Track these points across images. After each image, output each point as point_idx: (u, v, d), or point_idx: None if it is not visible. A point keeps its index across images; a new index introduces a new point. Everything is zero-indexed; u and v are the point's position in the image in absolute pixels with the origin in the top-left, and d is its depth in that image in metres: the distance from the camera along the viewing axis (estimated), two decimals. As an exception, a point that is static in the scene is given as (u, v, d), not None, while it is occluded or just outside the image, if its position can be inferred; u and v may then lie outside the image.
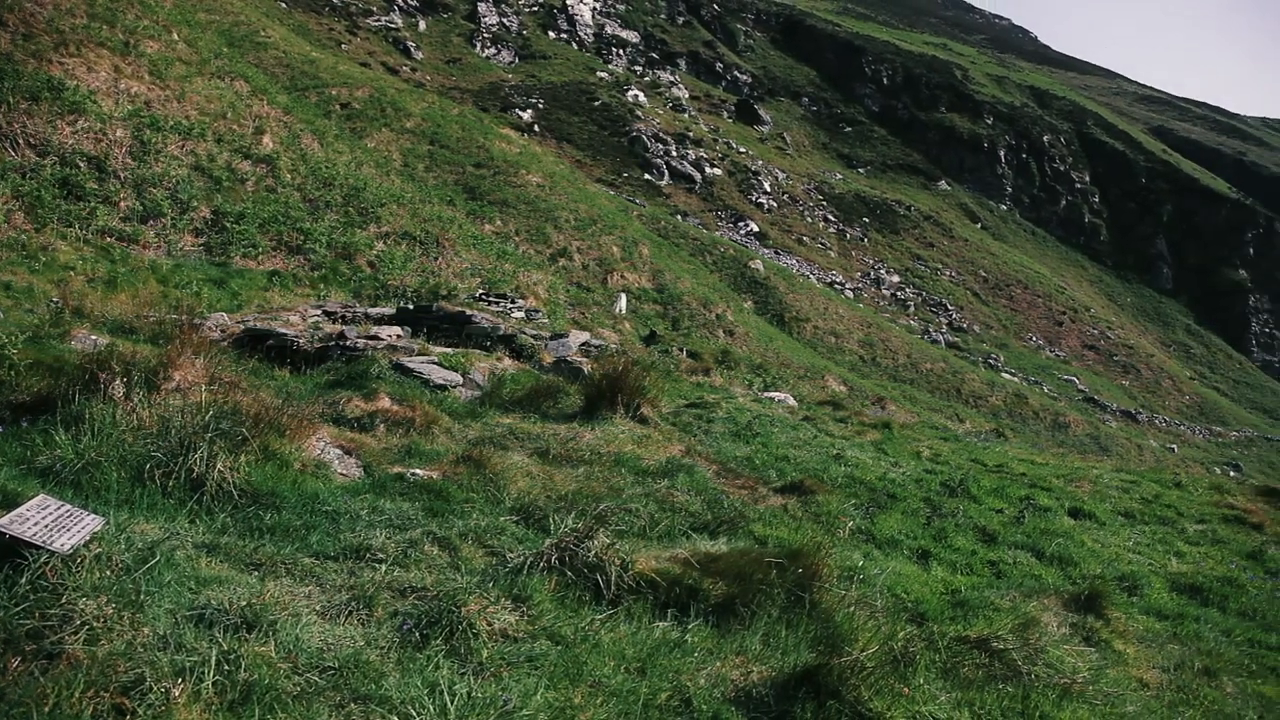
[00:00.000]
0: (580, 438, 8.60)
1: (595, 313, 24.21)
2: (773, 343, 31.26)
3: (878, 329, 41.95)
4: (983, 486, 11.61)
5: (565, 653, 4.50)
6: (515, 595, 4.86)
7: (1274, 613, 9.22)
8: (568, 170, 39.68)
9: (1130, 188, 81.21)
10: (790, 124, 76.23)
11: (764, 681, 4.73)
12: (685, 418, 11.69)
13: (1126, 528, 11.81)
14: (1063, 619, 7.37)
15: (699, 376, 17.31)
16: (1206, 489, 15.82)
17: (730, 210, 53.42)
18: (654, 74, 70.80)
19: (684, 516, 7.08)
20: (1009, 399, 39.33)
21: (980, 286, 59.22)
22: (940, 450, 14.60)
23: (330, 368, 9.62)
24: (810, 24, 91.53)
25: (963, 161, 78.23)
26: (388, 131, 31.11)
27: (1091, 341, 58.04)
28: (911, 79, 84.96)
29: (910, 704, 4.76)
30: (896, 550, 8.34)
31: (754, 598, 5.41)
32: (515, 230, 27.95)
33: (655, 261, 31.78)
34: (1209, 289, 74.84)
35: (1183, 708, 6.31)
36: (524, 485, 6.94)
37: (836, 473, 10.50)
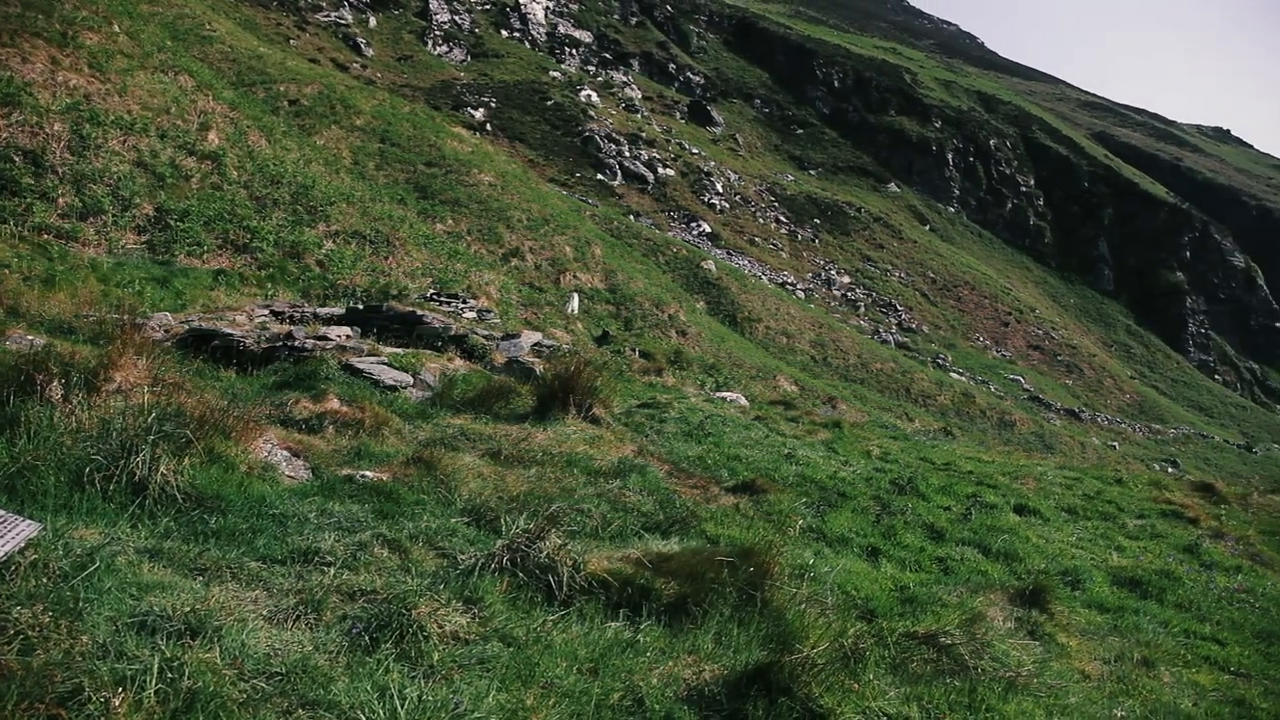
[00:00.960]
0: (532, 438, 8.57)
1: (548, 313, 24.14)
2: (725, 343, 31.41)
3: (829, 329, 42.37)
4: (931, 484, 11.79)
5: (517, 654, 4.48)
6: (467, 597, 4.83)
7: (1208, 604, 9.49)
8: (520, 170, 39.49)
9: (1073, 191, 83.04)
10: (742, 125, 76.68)
11: (716, 680, 4.75)
12: (638, 418, 11.70)
13: (1070, 523, 12.07)
14: (1008, 613, 7.51)
15: (651, 377, 17.34)
16: (1146, 485, 16.23)
17: (683, 211, 53.59)
18: (607, 74, 70.78)
19: (636, 517, 7.09)
20: (957, 398, 39.96)
21: (929, 287, 60.11)
22: (890, 449, 14.79)
23: (278, 368, 9.46)
24: (762, 26, 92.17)
25: (912, 164, 79.36)
26: (337, 129, 30.70)
27: (1036, 342, 59.21)
28: (862, 82, 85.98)
29: (860, 700, 4.81)
30: (847, 548, 8.43)
31: (706, 597, 5.43)
32: (467, 230, 27.75)
33: (608, 262, 31.76)
34: (1148, 290, 76.78)
35: (1122, 698, 6.46)
36: (475, 486, 6.89)
37: (788, 472, 10.59)
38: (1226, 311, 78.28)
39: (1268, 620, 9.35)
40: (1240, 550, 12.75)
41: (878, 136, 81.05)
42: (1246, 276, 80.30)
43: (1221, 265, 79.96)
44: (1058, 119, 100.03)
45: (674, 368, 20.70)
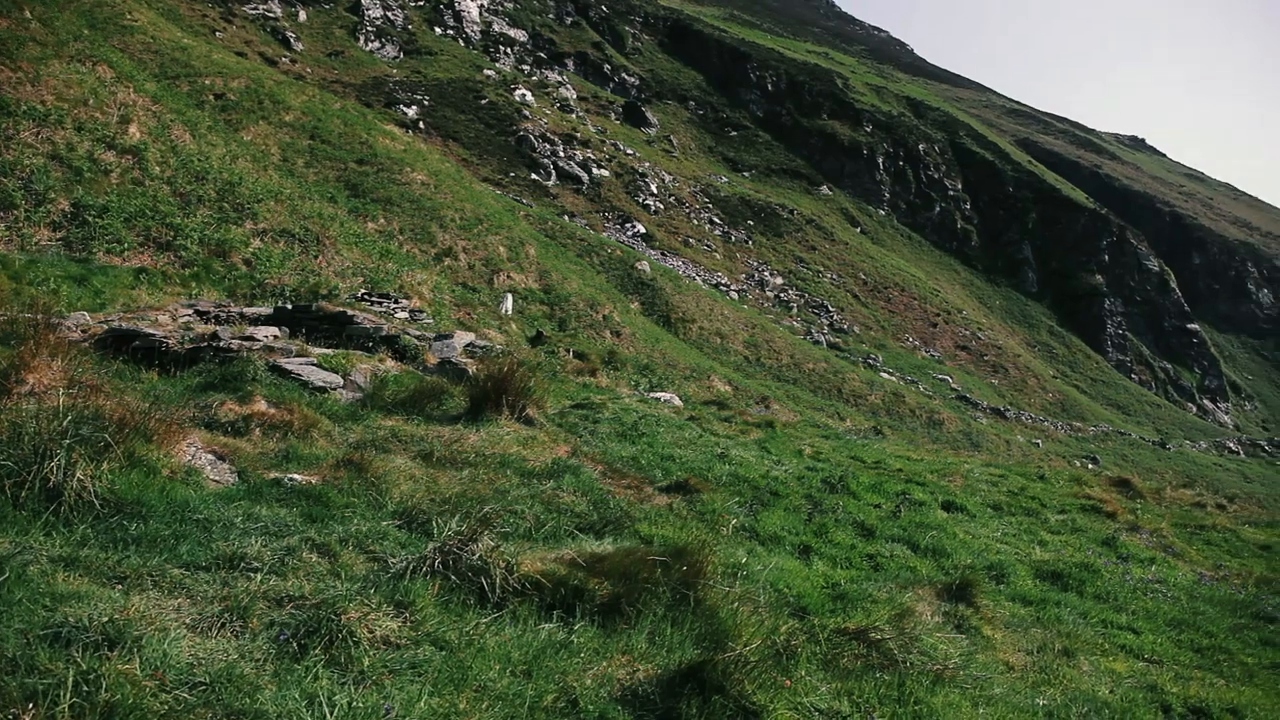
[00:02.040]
0: (465, 440, 8.50)
1: (481, 313, 23.94)
2: (659, 343, 31.52)
3: (762, 330, 42.79)
4: (862, 483, 11.99)
5: (449, 658, 4.44)
6: (398, 601, 4.76)
7: (1124, 594, 9.82)
8: (454, 169, 39.09)
9: (999, 196, 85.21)
10: (677, 127, 77.03)
11: (650, 680, 4.76)
12: (571, 418, 11.68)
13: (995, 519, 12.39)
14: (936, 608, 7.67)
15: (585, 377, 17.32)
16: (1067, 481, 16.75)
17: (617, 211, 53.63)
18: (542, 74, 70.49)
19: (570, 517, 7.08)
20: (887, 398, 40.69)
21: (860, 289, 61.11)
22: (821, 448, 15.00)
23: (202, 370, 9.21)
24: (697, 29, 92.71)
25: (843, 167, 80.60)
26: (265, 124, 30.03)
27: (964, 342, 60.60)
28: (795, 86, 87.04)
29: (792, 696, 4.87)
30: (779, 546, 8.53)
31: (640, 597, 5.44)
32: (399, 229, 27.37)
33: (542, 262, 31.63)
34: (1069, 293, 79.15)
35: (1044, 687, 6.66)
36: (407, 489, 6.81)
37: (721, 471, 10.68)
38: (1142, 313, 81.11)
39: (1179, 609, 9.72)
40: (1154, 542, 13.23)
41: (810, 140, 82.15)
42: (1160, 280, 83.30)
43: (1137, 269, 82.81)
44: (984, 125, 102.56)
45: (608, 368, 20.71)
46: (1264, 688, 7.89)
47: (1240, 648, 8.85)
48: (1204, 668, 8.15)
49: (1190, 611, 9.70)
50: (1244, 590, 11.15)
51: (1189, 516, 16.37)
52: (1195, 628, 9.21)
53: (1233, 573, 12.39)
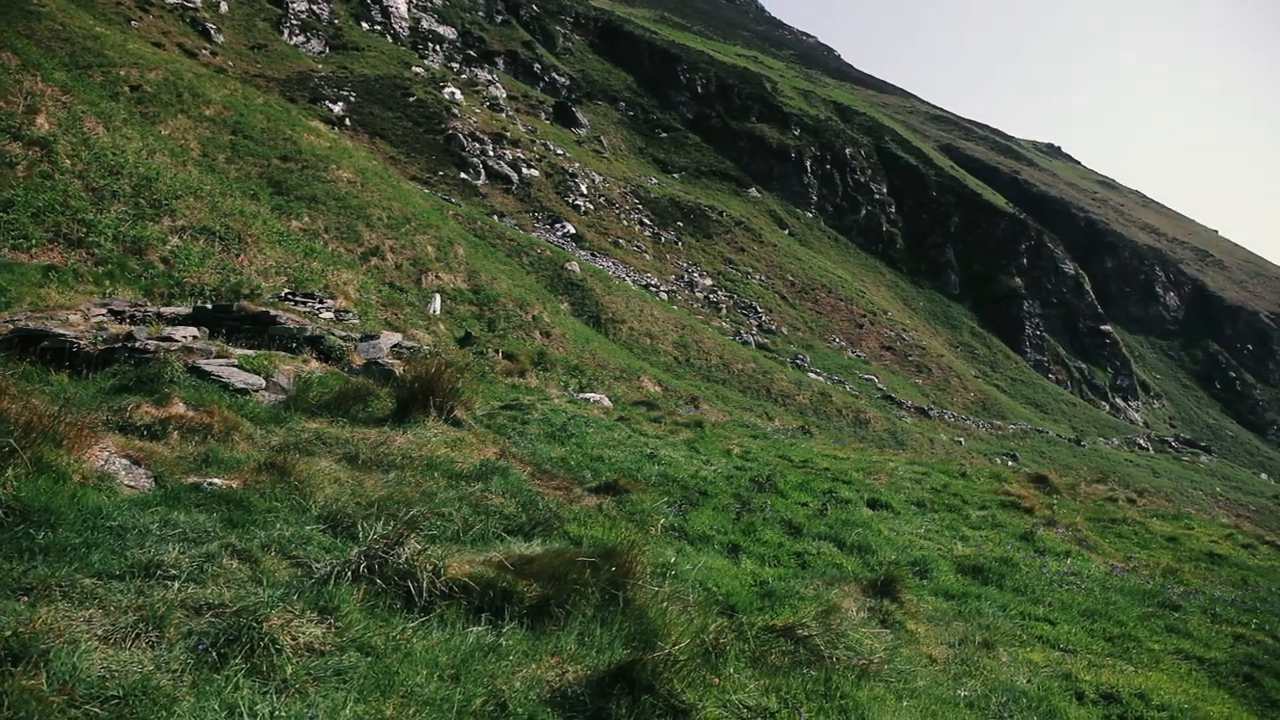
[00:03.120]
0: (391, 442, 8.38)
1: (409, 314, 23.61)
2: (589, 344, 31.49)
3: (691, 330, 43.05)
4: (789, 481, 12.15)
5: (375, 664, 4.38)
6: (322, 607, 4.68)
7: (1041, 587, 10.13)
8: (381, 167, 38.49)
9: (922, 200, 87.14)
10: (607, 128, 77.05)
11: (580, 681, 4.76)
12: (500, 420, 11.61)
13: (919, 516, 12.66)
14: (862, 604, 7.81)
15: (515, 378, 17.22)
16: (987, 478, 17.20)
17: (547, 212, 53.42)
18: (471, 72, 69.84)
19: (498, 519, 7.03)
20: (815, 397, 41.29)
21: (788, 290, 61.89)
22: (750, 448, 15.15)
23: (116, 371, 8.91)
24: (628, 30, 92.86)
25: (772, 170, 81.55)
26: (185, 118, 29.17)
27: (889, 343, 61.81)
28: (724, 89, 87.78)
29: (721, 693, 4.92)
30: (708, 545, 8.60)
31: (569, 598, 5.44)
32: (324, 227, 26.84)
33: (471, 262, 31.34)
34: (990, 295, 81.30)
35: (965, 679, 6.83)
36: (332, 492, 6.68)
37: (650, 471, 10.72)
38: (1058, 315, 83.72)
39: (1092, 600, 10.07)
40: (1070, 536, 13.67)
41: (739, 142, 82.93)
42: (1075, 283, 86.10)
43: (1054, 272, 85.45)
44: (908, 130, 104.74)
45: (538, 369, 20.62)
46: (1169, 672, 8.22)
47: (1148, 635, 9.20)
48: (1115, 655, 8.45)
49: (1103, 602, 10.05)
50: (1152, 580, 11.59)
51: (1102, 511, 16.96)
52: (1107, 617, 9.55)
53: (1142, 564, 12.88)
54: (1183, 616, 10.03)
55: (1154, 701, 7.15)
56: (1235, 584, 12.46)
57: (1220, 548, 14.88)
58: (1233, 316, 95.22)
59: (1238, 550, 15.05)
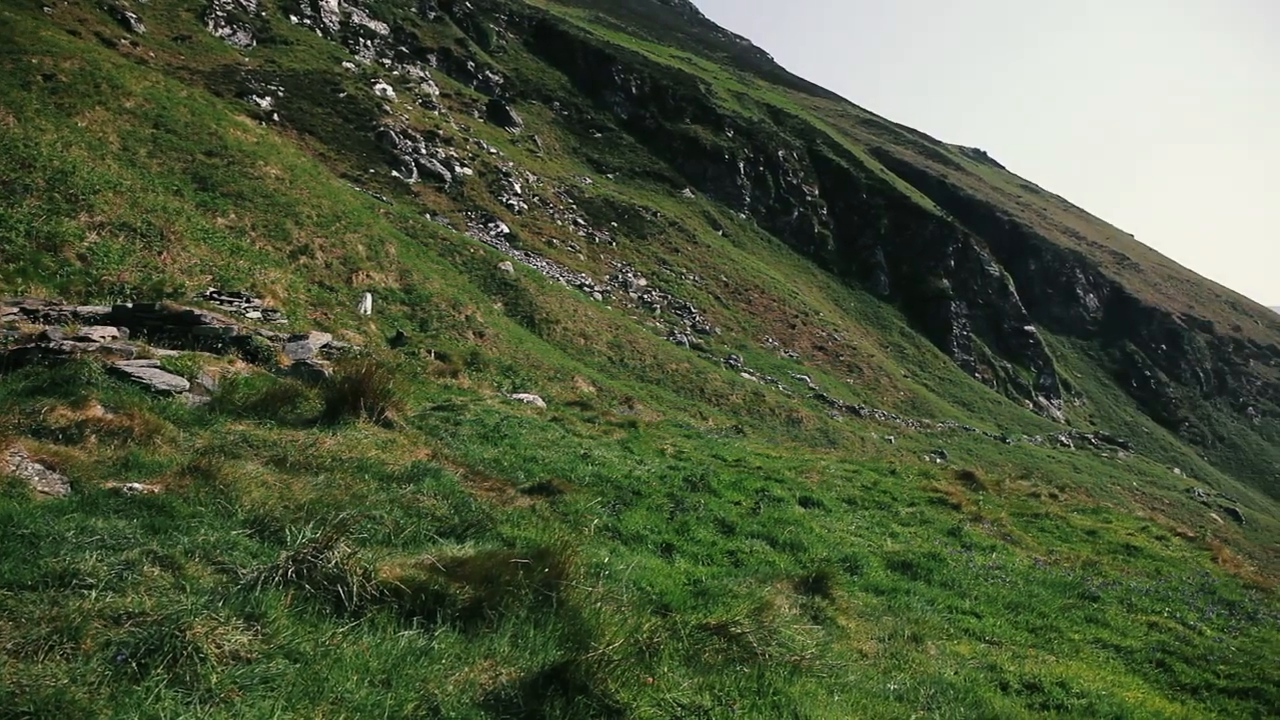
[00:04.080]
0: (321, 444, 8.23)
1: (339, 313, 23.20)
2: (523, 344, 31.33)
3: (626, 331, 43.10)
4: (723, 481, 12.25)
5: (304, 670, 4.29)
6: (248, 613, 4.57)
7: (968, 581, 10.38)
8: (310, 163, 37.74)
9: (853, 202, 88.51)
10: (541, 127, 76.72)
11: (513, 683, 4.73)
12: (432, 421, 11.49)
13: (850, 513, 12.86)
14: (794, 601, 7.91)
15: (447, 379, 17.05)
16: (916, 475, 17.54)
17: (481, 211, 52.98)
18: (404, 69, 68.90)
19: (430, 521, 6.96)
20: (748, 397, 41.67)
21: (722, 291, 62.35)
22: (684, 447, 15.24)
23: (29, 373, 8.59)
24: (563, 29, 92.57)
25: (705, 171, 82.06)
26: (103, 110, 28.22)
27: (821, 343, 62.67)
28: (659, 90, 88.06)
29: (655, 692, 4.93)
30: (642, 545, 8.63)
31: (502, 599, 5.40)
32: (252, 225, 26.23)
33: (403, 261, 30.93)
34: (918, 295, 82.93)
35: (895, 672, 6.96)
36: (259, 496, 6.54)
37: (584, 472, 10.71)
38: (984, 315, 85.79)
39: (1016, 592, 10.35)
40: (995, 531, 14.03)
41: (673, 143, 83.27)
42: (1000, 284, 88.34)
43: (980, 274, 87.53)
44: (840, 134, 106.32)
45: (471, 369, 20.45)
46: (1088, 661, 8.50)
47: (1069, 626, 9.49)
48: (1038, 646, 8.70)
49: (1026, 595, 10.33)
50: (1072, 573, 11.96)
51: (1026, 506, 17.43)
52: (1030, 609, 9.83)
53: (1063, 557, 13.28)
54: (1101, 607, 10.37)
55: (1074, 689, 7.38)
56: (1149, 575, 12.93)
57: (1136, 540, 15.42)
58: (1148, 318, 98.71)
59: (1152, 542, 15.60)
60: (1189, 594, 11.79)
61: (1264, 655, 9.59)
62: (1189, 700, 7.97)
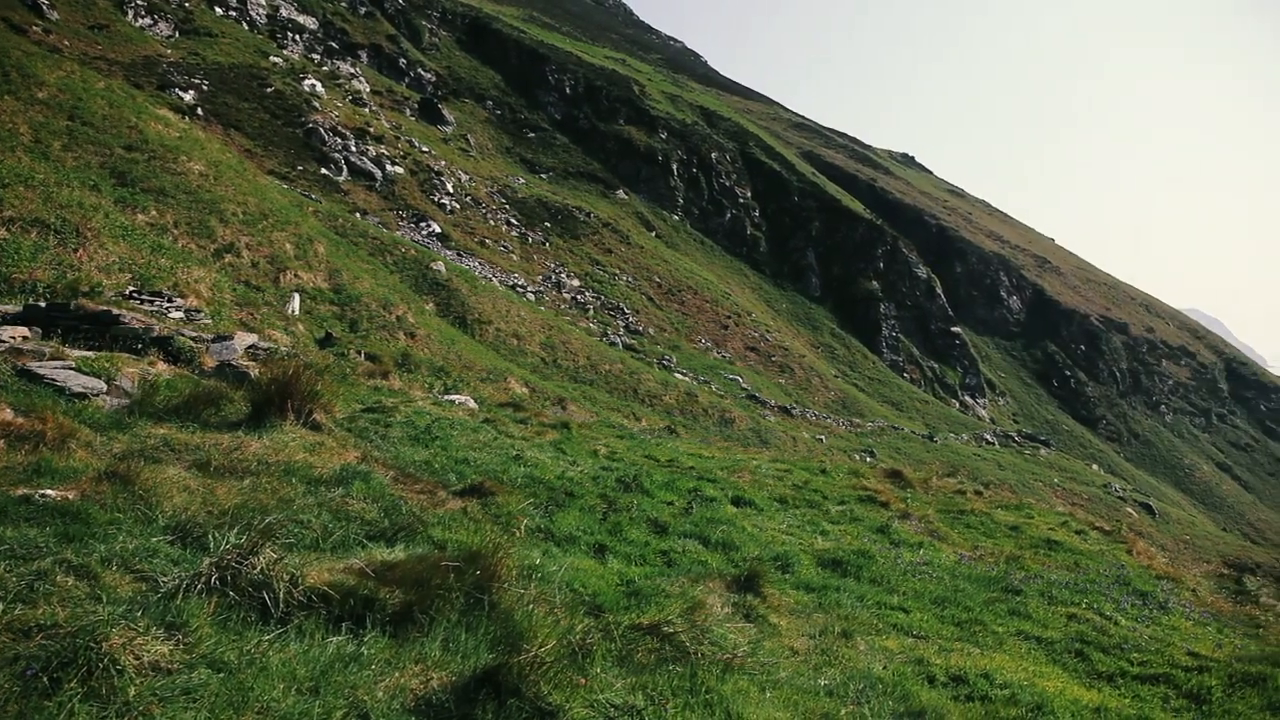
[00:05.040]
0: (246, 447, 8.04)
1: (266, 313, 22.69)
2: (455, 345, 31.02)
3: (559, 331, 42.98)
4: (655, 481, 12.29)
5: (228, 680, 4.19)
6: (169, 623, 4.45)
7: (896, 577, 10.59)
8: (236, 160, 36.82)
9: (785, 204, 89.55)
10: (474, 126, 76.07)
11: (444, 687, 4.69)
12: (362, 423, 11.31)
13: (781, 512, 13.02)
14: (726, 599, 7.98)
15: (378, 380, 16.81)
16: (846, 474, 17.84)
17: (412, 210, 52.31)
18: (334, 64, 67.68)
19: (360, 525, 6.85)
20: (681, 397, 41.87)
21: (655, 292, 62.55)
22: (617, 448, 15.26)
23: (-66, 375, 8.24)
24: (496, 28, 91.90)
25: (639, 172, 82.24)
26: (13, 100, 27.13)
27: (753, 343, 63.28)
28: (593, 90, 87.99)
29: (588, 693, 4.93)
30: (575, 546, 8.61)
31: (433, 603, 5.35)
32: (174, 222, 25.48)
33: (332, 260, 30.38)
34: (849, 297, 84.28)
35: (825, 668, 7.06)
36: (181, 501, 6.36)
37: (516, 473, 10.65)
38: (912, 317, 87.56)
39: (942, 587, 10.59)
40: (922, 528, 14.34)
41: (607, 144, 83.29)
42: (928, 286, 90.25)
43: (908, 276, 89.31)
44: (772, 137, 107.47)
45: (401, 370, 20.19)
46: (1011, 653, 8.74)
47: (993, 619, 9.74)
48: (963, 639, 8.91)
49: (952, 589, 10.58)
50: (996, 567, 12.28)
51: (952, 503, 17.85)
52: (956, 604, 10.06)
53: (987, 552, 13.62)
54: (1023, 600, 10.66)
55: (997, 680, 7.57)
56: (1069, 567, 13.34)
57: (1056, 534, 15.90)
58: (1068, 319, 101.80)
59: (1071, 536, 16.11)
60: (1106, 586, 12.20)
61: (1173, 643, 9.98)
62: (1105, 688, 8.24)
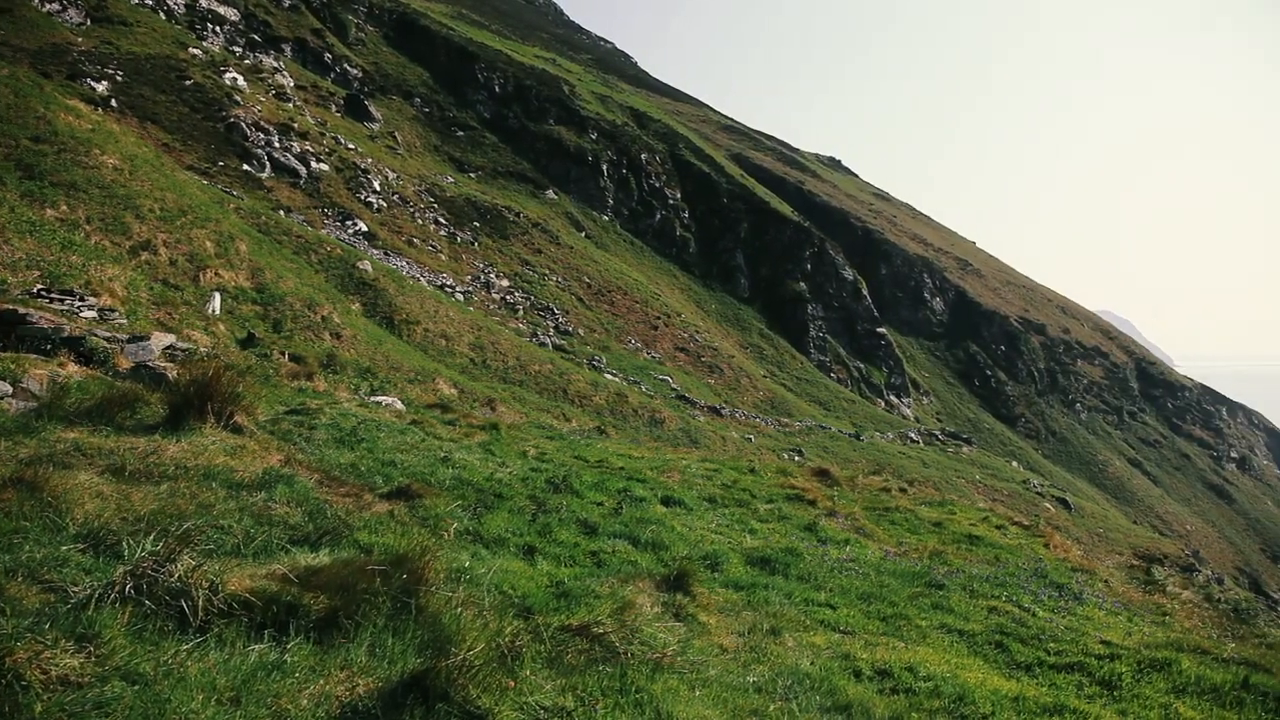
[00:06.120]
0: (163, 451, 7.79)
1: (185, 313, 22.05)
2: (382, 346, 30.56)
3: (488, 332, 42.64)
4: (585, 482, 12.28)
5: (144, 692, 4.06)
6: (80, 635, 4.29)
7: (823, 574, 10.75)
8: (153, 154, 35.67)
9: (714, 206, 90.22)
10: (402, 124, 75.01)
11: (371, 693, 4.62)
12: (286, 425, 11.06)
13: (710, 511, 13.12)
14: (656, 599, 8.01)
15: (302, 381, 16.47)
16: (774, 473, 18.06)
17: (338, 208, 51.35)
18: (256, 58, 66.06)
19: (283, 530, 6.70)
20: (611, 398, 41.89)
21: (585, 292, 62.47)
22: (546, 449, 15.20)
23: None
24: (424, 24, 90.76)
25: (569, 173, 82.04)
26: (-90, 92, 25.89)
27: (683, 344, 63.62)
28: (522, 89, 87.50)
29: (517, 696, 4.91)
30: (504, 548, 8.55)
31: (359, 608, 5.26)
32: (86, 218, 24.58)
33: (255, 259, 29.66)
34: (777, 298, 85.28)
35: (754, 665, 7.14)
36: (93, 508, 6.13)
37: (444, 475, 10.54)
38: (839, 318, 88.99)
39: (868, 583, 10.78)
40: (849, 525, 14.59)
41: (537, 144, 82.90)
42: (854, 288, 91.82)
43: (835, 278, 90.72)
44: (701, 139, 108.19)
45: (327, 372, 19.82)
46: (934, 646, 8.94)
47: (917, 613, 9.96)
48: (888, 634, 9.09)
49: (877, 585, 10.78)
50: (920, 563, 12.56)
51: (878, 500, 18.21)
52: (881, 599, 10.26)
53: (911, 548, 13.93)
54: (946, 594, 10.92)
55: (921, 673, 7.74)
56: (990, 562, 13.72)
57: (978, 530, 16.33)
58: (988, 320, 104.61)
59: (992, 531, 16.57)
60: (1024, 579, 12.58)
61: (1087, 632, 10.33)
62: (1023, 677, 8.49)
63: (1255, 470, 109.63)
